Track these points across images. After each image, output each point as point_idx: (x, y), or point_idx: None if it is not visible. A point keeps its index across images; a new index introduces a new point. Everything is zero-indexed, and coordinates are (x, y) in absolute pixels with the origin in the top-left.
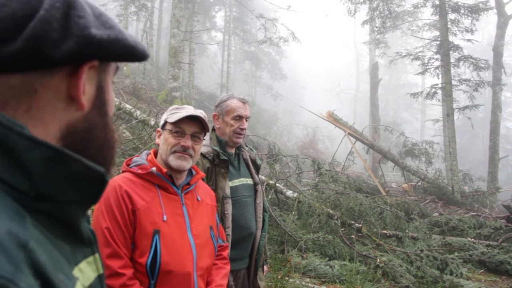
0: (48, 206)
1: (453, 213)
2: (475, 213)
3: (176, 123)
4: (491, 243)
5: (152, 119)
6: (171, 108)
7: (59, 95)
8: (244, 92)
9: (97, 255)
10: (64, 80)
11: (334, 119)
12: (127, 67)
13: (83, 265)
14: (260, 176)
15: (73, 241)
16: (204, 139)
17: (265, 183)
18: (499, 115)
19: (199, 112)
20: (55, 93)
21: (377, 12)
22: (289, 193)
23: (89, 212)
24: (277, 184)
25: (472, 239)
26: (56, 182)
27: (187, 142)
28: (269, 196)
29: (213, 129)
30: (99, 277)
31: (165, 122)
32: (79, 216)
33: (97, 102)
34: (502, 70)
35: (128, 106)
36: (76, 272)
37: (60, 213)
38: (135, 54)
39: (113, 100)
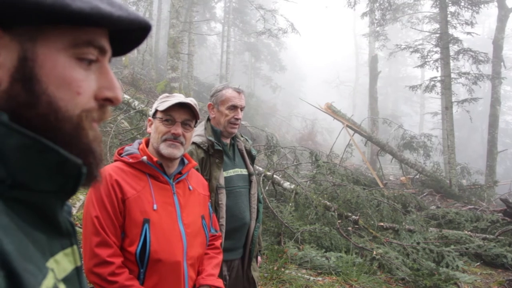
0: (24, 194)
1: (450, 206)
2: (472, 207)
3: (166, 111)
4: (487, 236)
5: (150, 109)
6: (161, 96)
7: None
8: (243, 83)
9: (75, 247)
10: None
11: (332, 111)
12: (125, 58)
13: (59, 256)
14: (257, 167)
15: (50, 231)
16: (195, 127)
17: (262, 174)
18: (498, 109)
19: (190, 100)
20: None
21: (377, 4)
22: (287, 184)
23: (80, 201)
24: (274, 176)
25: (469, 232)
26: (32, 171)
27: (178, 129)
28: (267, 188)
29: (208, 119)
30: (76, 270)
31: (156, 111)
32: (56, 207)
33: (18, 75)
34: (502, 63)
35: (126, 96)
36: (51, 263)
37: (36, 202)
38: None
39: (74, 78)
